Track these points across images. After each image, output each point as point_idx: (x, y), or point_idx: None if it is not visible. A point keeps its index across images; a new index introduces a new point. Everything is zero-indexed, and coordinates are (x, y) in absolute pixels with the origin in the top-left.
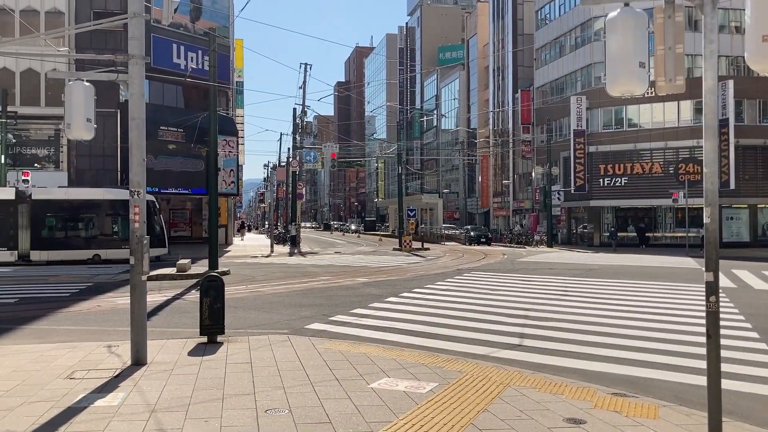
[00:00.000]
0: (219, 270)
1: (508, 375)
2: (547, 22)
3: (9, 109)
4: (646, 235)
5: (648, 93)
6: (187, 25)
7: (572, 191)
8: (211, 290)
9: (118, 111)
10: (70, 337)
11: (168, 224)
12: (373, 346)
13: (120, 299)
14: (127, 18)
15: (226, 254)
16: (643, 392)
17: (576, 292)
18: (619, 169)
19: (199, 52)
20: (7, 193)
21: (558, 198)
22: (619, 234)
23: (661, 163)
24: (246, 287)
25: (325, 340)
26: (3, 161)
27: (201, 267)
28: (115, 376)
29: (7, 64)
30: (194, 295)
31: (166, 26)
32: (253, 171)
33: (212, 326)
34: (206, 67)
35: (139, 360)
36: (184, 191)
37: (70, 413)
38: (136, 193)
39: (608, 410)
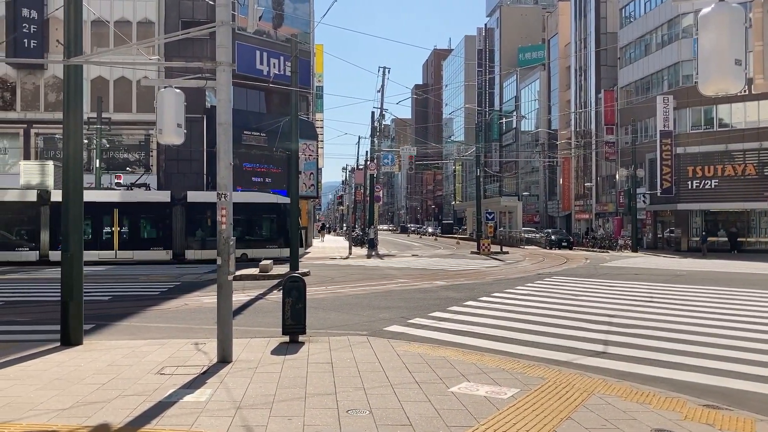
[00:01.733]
0: (300, 271)
1: (591, 382)
2: (631, 20)
3: (103, 115)
4: (738, 240)
5: (742, 91)
6: (269, 32)
7: (658, 194)
8: (293, 291)
9: (204, 116)
10: (160, 334)
11: None
12: (452, 349)
13: (206, 298)
14: (214, 26)
15: (306, 256)
16: (737, 405)
17: (663, 298)
18: (709, 171)
19: (281, 58)
20: (163, 196)
21: (643, 201)
22: (708, 239)
23: (755, 164)
24: (326, 288)
25: (403, 343)
26: (98, 165)
27: (282, 268)
28: (202, 373)
29: (102, 72)
30: (276, 296)
31: (251, 33)
32: (332, 174)
33: (294, 326)
34: (288, 73)
35: (224, 357)
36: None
37: (161, 407)
38: (223, 195)
39: (699, 422)
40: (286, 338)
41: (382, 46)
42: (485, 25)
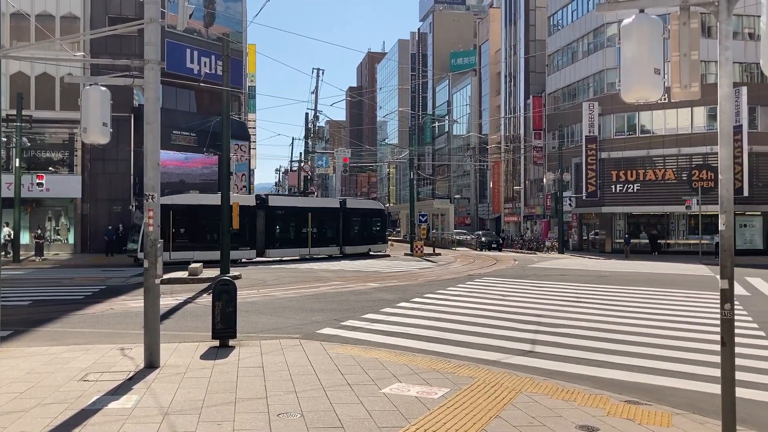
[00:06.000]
0: (231, 274)
1: (520, 381)
2: (559, 27)
3: (24, 113)
4: (659, 242)
5: (661, 99)
6: (200, 31)
7: (584, 197)
8: (224, 294)
9: (132, 115)
10: (84, 340)
11: None
12: (384, 351)
13: (132, 302)
14: (143, 23)
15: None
16: (656, 400)
17: (588, 298)
18: (632, 176)
19: (213, 57)
20: (249, 200)
21: (569, 204)
22: (631, 241)
23: (674, 169)
24: (257, 291)
25: (336, 345)
26: (18, 164)
27: (212, 271)
28: (128, 379)
29: (22, 68)
30: (206, 299)
31: (181, 31)
32: (265, 175)
33: (224, 330)
34: (219, 72)
35: (152, 363)
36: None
37: (83, 415)
38: (150, 197)
39: (621, 418)
40: (216, 342)
41: (316, 48)
42: (418, 29)
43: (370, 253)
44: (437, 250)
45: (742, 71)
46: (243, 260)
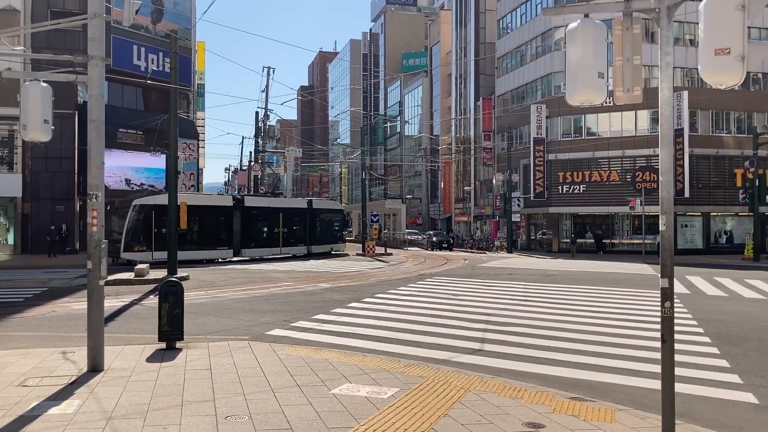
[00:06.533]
0: (178, 275)
1: (468, 380)
2: (508, 31)
3: None
4: (604, 241)
5: (606, 102)
6: (148, 27)
7: (532, 198)
8: (170, 295)
9: (76, 112)
10: (24, 344)
11: None
12: (334, 351)
13: (75, 304)
14: (86, 18)
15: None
16: (600, 396)
17: (536, 297)
18: (578, 177)
19: (160, 53)
20: (226, 200)
21: (518, 204)
22: (577, 240)
23: (618, 171)
24: (206, 292)
25: (286, 346)
26: None
27: (160, 272)
28: (70, 383)
29: None
30: (153, 301)
31: (127, 27)
32: (214, 175)
33: (171, 332)
34: (167, 69)
35: (95, 366)
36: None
37: (21, 422)
38: (94, 196)
39: (567, 414)
40: (163, 345)
41: (267, 46)
42: (370, 29)
43: (332, 252)
44: (389, 250)
45: (683, 76)
46: (219, 260)
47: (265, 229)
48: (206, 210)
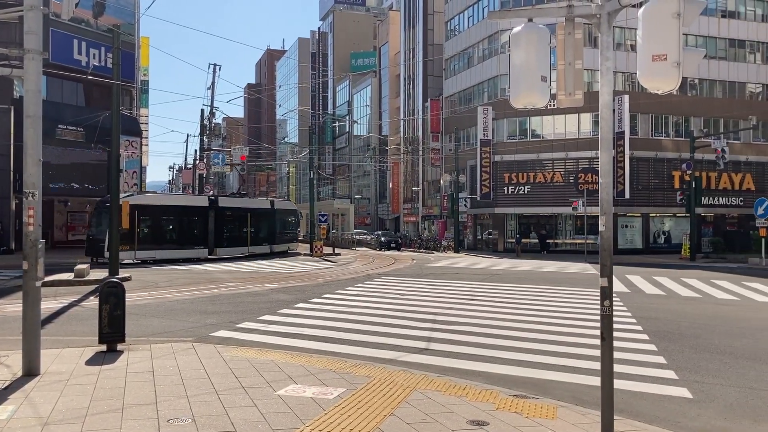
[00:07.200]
0: (120, 276)
1: (414, 379)
2: (456, 33)
3: None
4: (548, 241)
5: (550, 105)
6: (89, 21)
7: (478, 199)
8: (111, 296)
9: (12, 107)
10: None
11: (66, 227)
12: (280, 352)
13: (10, 306)
14: (22, 10)
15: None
16: (543, 393)
17: (481, 296)
18: (523, 178)
19: (102, 48)
20: (202, 201)
21: (465, 205)
22: (522, 240)
23: (562, 172)
24: (149, 294)
25: (231, 348)
26: None
27: (101, 272)
28: (3, 389)
29: None
30: (93, 302)
31: (67, 21)
32: (158, 173)
33: (112, 334)
34: (109, 65)
35: (31, 370)
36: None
37: None
38: (31, 194)
39: (510, 412)
40: (104, 347)
41: (214, 43)
42: (318, 28)
43: (288, 251)
44: (337, 250)
45: (625, 80)
46: (199, 258)
47: (237, 229)
48: (185, 210)
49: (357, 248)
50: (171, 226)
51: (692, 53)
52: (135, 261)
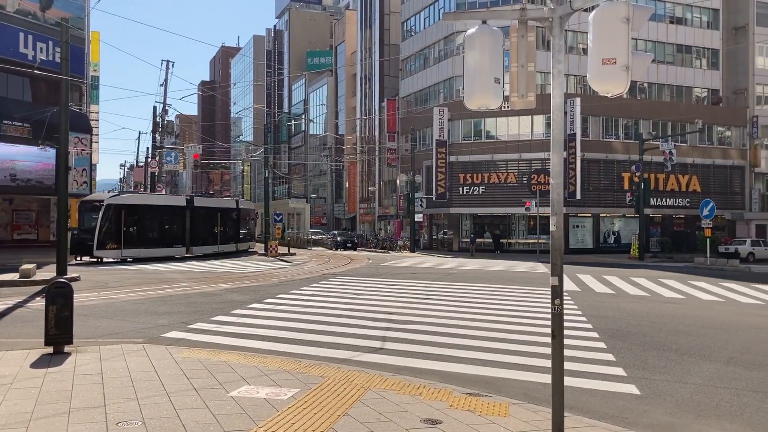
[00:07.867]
0: (68, 276)
1: (369, 378)
2: (412, 33)
3: None
4: (501, 241)
5: (504, 107)
6: (36, 14)
7: (434, 199)
8: (59, 297)
9: None
10: None
11: (11, 226)
12: (234, 353)
13: None
14: None
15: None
16: (495, 391)
17: (436, 295)
18: (477, 179)
19: (50, 42)
20: (180, 201)
21: (420, 205)
22: (476, 240)
23: (515, 173)
24: (98, 294)
25: (183, 349)
26: None
27: (48, 272)
28: None
29: None
30: (39, 303)
31: (11, 13)
32: (109, 171)
33: (59, 335)
34: (58, 59)
35: None
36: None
37: None
38: None
39: (463, 410)
40: (50, 349)
41: (167, 40)
42: (274, 26)
43: (249, 250)
44: (292, 250)
45: (577, 83)
46: (176, 256)
47: (209, 228)
48: (165, 210)
49: (313, 248)
50: (155, 226)
51: (641, 57)
52: (123, 259)
